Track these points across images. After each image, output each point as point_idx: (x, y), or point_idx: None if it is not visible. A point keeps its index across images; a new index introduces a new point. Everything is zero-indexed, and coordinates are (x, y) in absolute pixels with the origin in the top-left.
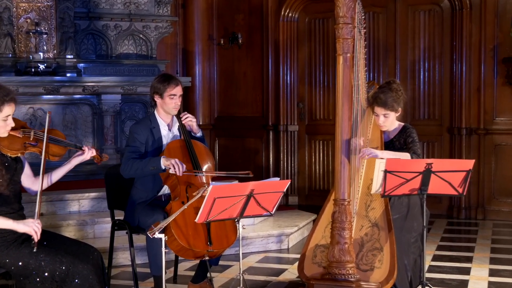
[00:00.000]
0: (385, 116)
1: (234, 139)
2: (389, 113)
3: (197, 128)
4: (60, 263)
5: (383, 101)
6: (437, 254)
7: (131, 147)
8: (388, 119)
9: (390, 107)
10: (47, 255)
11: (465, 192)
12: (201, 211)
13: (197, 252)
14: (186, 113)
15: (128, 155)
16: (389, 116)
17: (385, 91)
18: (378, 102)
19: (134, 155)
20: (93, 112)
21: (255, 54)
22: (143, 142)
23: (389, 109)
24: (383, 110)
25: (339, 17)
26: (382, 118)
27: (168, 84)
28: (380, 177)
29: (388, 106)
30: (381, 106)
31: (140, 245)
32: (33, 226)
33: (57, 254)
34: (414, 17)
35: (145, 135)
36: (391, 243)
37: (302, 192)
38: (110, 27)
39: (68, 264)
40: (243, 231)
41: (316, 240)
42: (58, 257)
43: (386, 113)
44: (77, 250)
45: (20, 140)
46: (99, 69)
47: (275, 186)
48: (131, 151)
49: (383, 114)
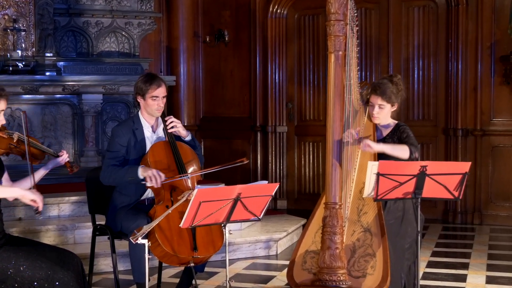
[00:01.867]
0: (380, 107)
1: (220, 140)
2: (385, 105)
3: (185, 132)
4: (40, 268)
5: (381, 90)
6: (432, 260)
7: (111, 153)
8: (383, 111)
9: (387, 98)
10: (26, 259)
11: (461, 196)
12: (186, 215)
13: (182, 258)
14: (171, 118)
15: (107, 161)
16: (384, 108)
17: (386, 82)
18: (376, 90)
19: (113, 162)
20: (73, 113)
21: (242, 52)
22: (124, 145)
23: (386, 100)
24: (380, 99)
25: (330, 14)
26: (377, 108)
27: (150, 85)
28: (373, 180)
29: (386, 96)
30: (378, 95)
31: (123, 251)
32: (38, 194)
33: (37, 259)
34: (408, 13)
35: (127, 137)
36: (384, 249)
37: (291, 196)
38: (91, 24)
39: (48, 270)
40: (229, 236)
41: (306, 246)
42: (38, 262)
43: (382, 104)
44: (57, 257)
45: (5, 141)
46: (80, 68)
47: (263, 189)
48: (110, 157)
49: (379, 104)
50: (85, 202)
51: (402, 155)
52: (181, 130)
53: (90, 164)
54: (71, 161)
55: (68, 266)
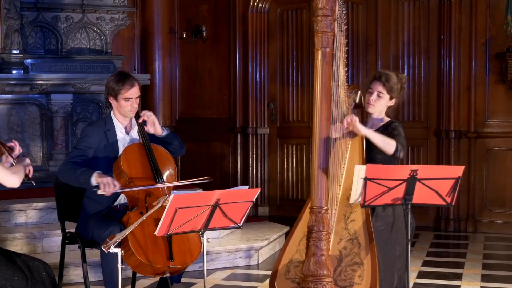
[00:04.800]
0: (379, 95)
1: (198, 143)
2: (384, 94)
3: (161, 129)
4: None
5: (386, 78)
6: (423, 270)
7: (77, 150)
8: (380, 100)
9: (389, 88)
10: (10, 268)
11: (453, 202)
12: (161, 222)
13: (157, 268)
14: (145, 113)
15: (70, 157)
16: (382, 97)
17: (392, 73)
18: (380, 77)
19: (76, 160)
20: (41, 113)
21: (221, 49)
22: (92, 146)
23: (387, 89)
24: (381, 87)
25: (318, 9)
26: (375, 96)
27: (123, 85)
28: (360, 185)
29: (388, 85)
30: (381, 81)
31: (94, 260)
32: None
33: (17, 268)
34: (397, 8)
35: (97, 138)
36: (373, 258)
37: (273, 202)
38: (61, 19)
39: (25, 280)
40: (208, 245)
41: (289, 255)
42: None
43: (382, 92)
44: (32, 266)
45: None
46: (48, 66)
47: (243, 195)
48: (75, 154)
49: (379, 91)
50: (54, 209)
51: (387, 148)
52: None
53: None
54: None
55: (41, 276)
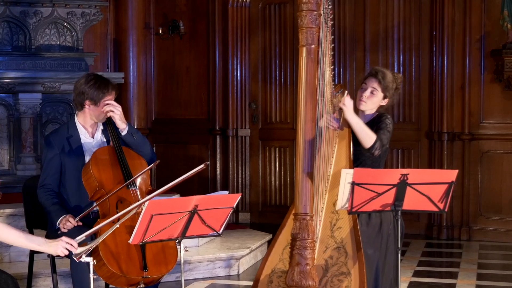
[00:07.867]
0: (373, 92)
1: (174, 145)
2: (378, 92)
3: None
4: None
5: (381, 75)
6: (413, 281)
7: (44, 172)
8: (373, 98)
9: (384, 86)
10: None
11: (446, 208)
12: (135, 230)
13: (131, 279)
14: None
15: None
16: (376, 95)
17: (388, 71)
18: (376, 74)
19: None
20: (8, 114)
21: (200, 45)
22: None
23: (382, 87)
24: (377, 84)
25: (302, 3)
26: (368, 92)
27: (108, 91)
28: (347, 190)
29: (384, 83)
30: (376, 78)
31: (64, 270)
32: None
33: None
34: (387, 2)
35: (59, 147)
36: (361, 267)
37: (254, 208)
38: (29, 14)
39: None
40: (185, 254)
41: (272, 264)
42: None
43: (376, 89)
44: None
45: None
46: (16, 63)
47: (223, 201)
48: (42, 183)
49: (373, 88)
50: (21, 215)
51: (364, 139)
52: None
53: (28, 172)
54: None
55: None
